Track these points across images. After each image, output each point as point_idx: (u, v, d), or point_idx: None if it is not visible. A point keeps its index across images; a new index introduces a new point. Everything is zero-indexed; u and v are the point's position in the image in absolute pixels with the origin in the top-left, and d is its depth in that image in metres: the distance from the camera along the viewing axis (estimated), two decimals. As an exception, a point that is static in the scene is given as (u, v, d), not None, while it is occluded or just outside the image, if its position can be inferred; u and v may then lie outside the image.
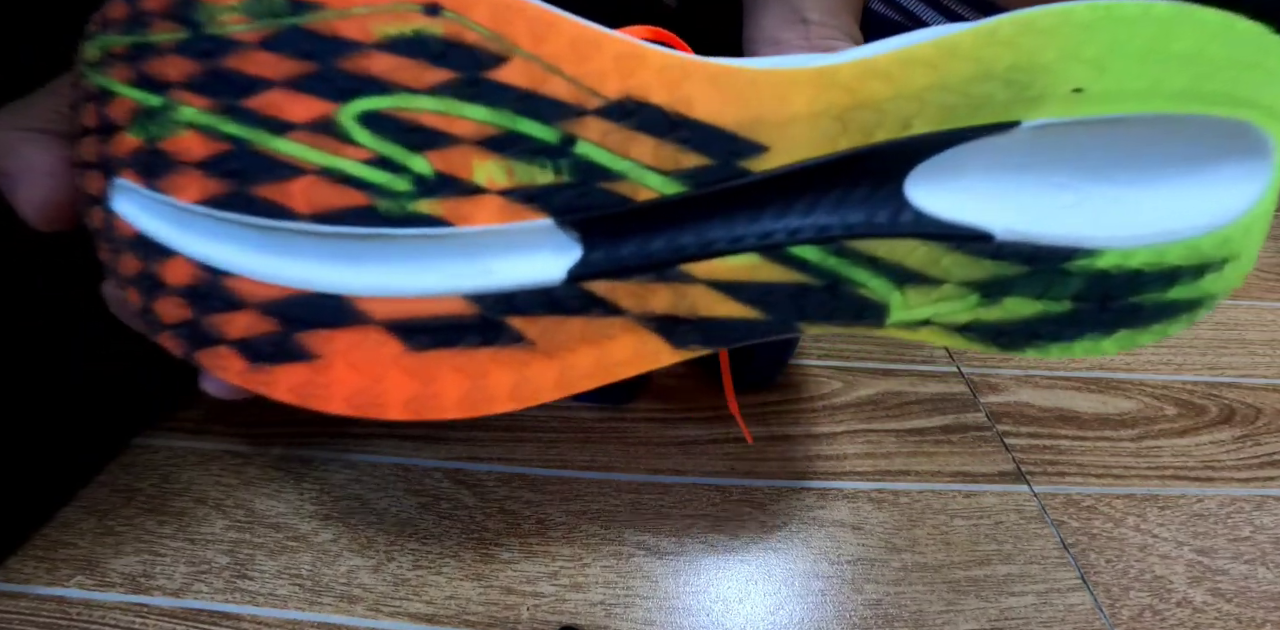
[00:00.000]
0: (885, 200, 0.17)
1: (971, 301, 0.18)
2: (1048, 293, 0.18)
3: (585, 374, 0.18)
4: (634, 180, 0.17)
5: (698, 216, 0.18)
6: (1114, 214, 0.18)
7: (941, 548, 0.35)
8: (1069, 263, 0.17)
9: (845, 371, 0.47)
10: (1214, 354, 0.51)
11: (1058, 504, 0.38)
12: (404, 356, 0.18)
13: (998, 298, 0.18)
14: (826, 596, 0.32)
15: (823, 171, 0.17)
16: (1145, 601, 0.33)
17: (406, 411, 0.18)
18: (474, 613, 0.30)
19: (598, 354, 0.18)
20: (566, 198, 0.17)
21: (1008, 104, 0.16)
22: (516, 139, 0.16)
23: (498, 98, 0.16)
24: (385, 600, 0.31)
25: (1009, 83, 0.16)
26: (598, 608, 0.31)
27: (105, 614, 0.29)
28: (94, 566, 0.31)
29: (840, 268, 0.18)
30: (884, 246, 0.17)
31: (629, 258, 0.18)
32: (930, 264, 0.18)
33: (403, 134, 0.16)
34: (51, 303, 0.30)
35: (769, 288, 0.18)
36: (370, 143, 0.16)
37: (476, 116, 0.16)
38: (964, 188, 0.18)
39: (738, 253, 0.17)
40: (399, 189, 0.16)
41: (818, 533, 0.35)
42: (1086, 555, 0.35)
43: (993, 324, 0.18)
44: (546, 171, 0.17)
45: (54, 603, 0.30)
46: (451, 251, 0.17)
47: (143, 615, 0.29)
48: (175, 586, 0.31)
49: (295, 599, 0.30)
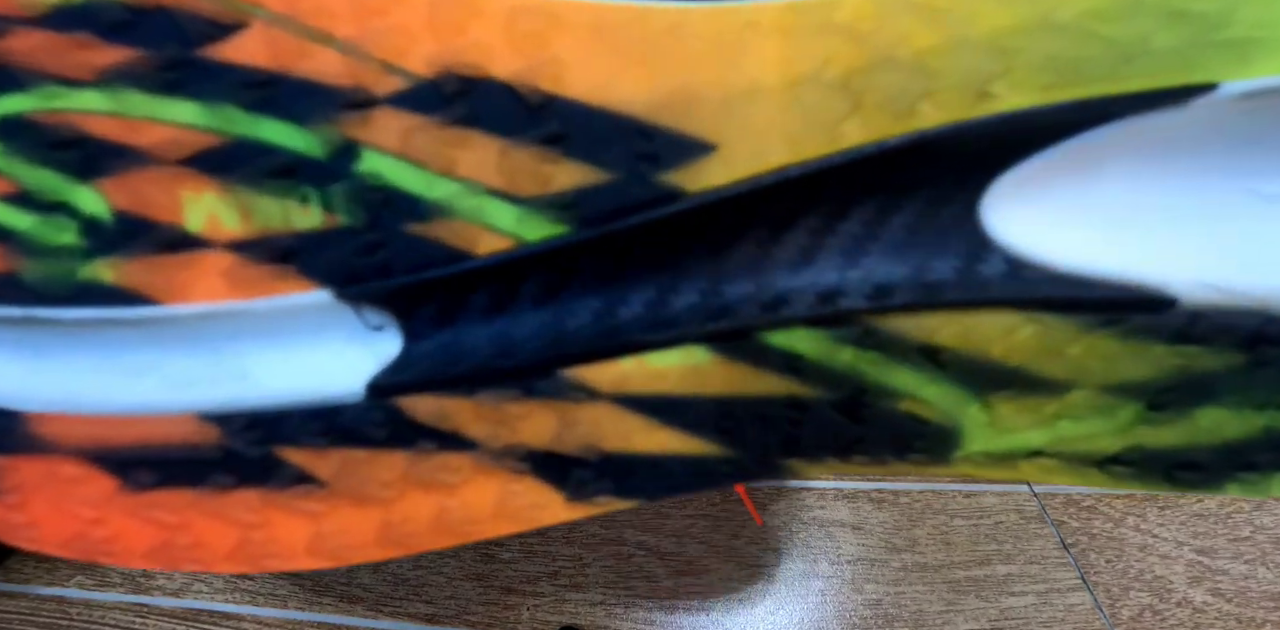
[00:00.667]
0: (945, 238, 0.10)
1: (1128, 416, 0.10)
2: (1274, 395, 0.10)
3: (428, 529, 0.11)
4: (468, 217, 0.10)
5: (592, 279, 0.10)
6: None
7: (941, 548, 0.35)
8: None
9: (845, 371, 0.47)
10: (1214, 354, 0.51)
11: (1058, 504, 0.38)
12: (121, 497, 0.11)
13: (1180, 408, 0.10)
14: (826, 596, 0.32)
15: (815, 189, 0.09)
16: (1145, 601, 0.33)
17: (159, 563, 0.12)
18: (474, 613, 0.30)
19: (439, 505, 0.11)
20: (348, 252, 0.10)
21: (1182, 54, 0.08)
22: (251, 153, 0.10)
23: (217, 86, 0.09)
24: (385, 600, 0.31)
25: (1182, 16, 0.08)
26: (598, 608, 0.31)
27: (105, 614, 0.29)
28: (94, 566, 0.31)
29: (863, 367, 0.10)
30: (949, 325, 0.09)
31: (471, 356, 0.10)
32: (1045, 355, 0.10)
33: (57, 152, 0.10)
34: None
35: (730, 405, 0.10)
36: (5, 168, 0.10)
37: (182, 118, 0.10)
38: (1101, 213, 0.10)
39: (671, 344, 0.10)
40: (58, 243, 0.10)
41: (818, 533, 0.35)
42: (1086, 555, 0.35)
43: (1168, 452, 0.10)
44: (309, 208, 0.10)
45: (54, 603, 0.30)
46: (167, 345, 0.11)
47: (143, 615, 0.29)
48: (175, 586, 0.31)
49: (295, 599, 0.30)
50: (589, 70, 0.09)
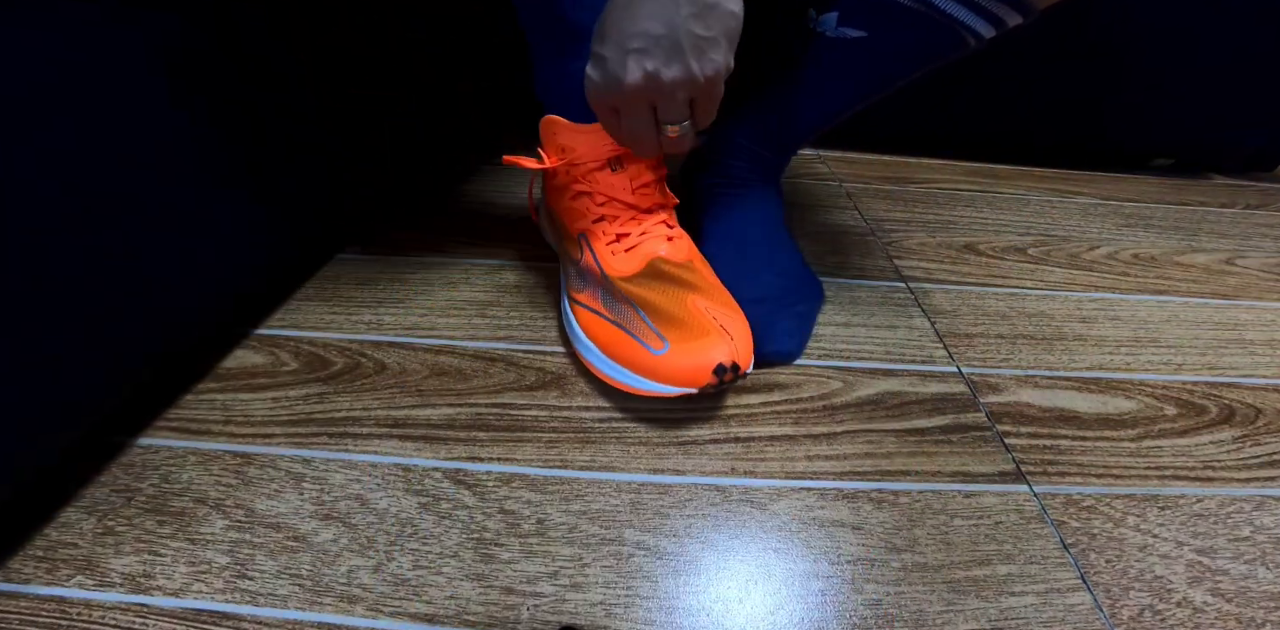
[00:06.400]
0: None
1: None
2: None
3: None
4: None
5: None
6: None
7: (941, 548, 0.35)
8: None
9: (845, 371, 0.47)
10: (1214, 354, 0.51)
11: (1058, 504, 0.38)
12: None
13: None
14: (826, 596, 0.32)
15: None
16: (1145, 601, 0.33)
17: None
18: (474, 613, 0.30)
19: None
20: None
21: None
22: None
23: None
24: (385, 600, 0.31)
25: None
26: (598, 608, 0.31)
27: (105, 614, 0.29)
28: (94, 566, 0.31)
29: None
30: None
31: None
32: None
33: None
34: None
35: None
36: None
37: None
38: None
39: None
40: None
41: (818, 533, 0.35)
42: (1086, 555, 0.35)
43: None
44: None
45: (54, 603, 0.30)
46: None
47: (143, 615, 0.29)
48: (175, 586, 0.31)
49: (295, 599, 0.30)
50: None
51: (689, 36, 0.32)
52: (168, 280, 0.37)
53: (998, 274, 0.61)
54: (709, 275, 0.44)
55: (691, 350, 0.37)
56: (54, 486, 0.35)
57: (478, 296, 0.52)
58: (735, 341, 0.38)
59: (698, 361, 0.37)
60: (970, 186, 0.81)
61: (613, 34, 0.33)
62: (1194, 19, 0.73)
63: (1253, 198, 0.84)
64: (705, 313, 0.39)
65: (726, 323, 0.39)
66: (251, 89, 0.43)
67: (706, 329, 0.38)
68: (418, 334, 0.47)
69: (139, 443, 0.38)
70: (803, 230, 0.66)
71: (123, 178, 0.33)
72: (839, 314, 0.53)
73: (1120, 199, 0.81)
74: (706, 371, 0.36)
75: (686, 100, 0.35)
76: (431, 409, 0.41)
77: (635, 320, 0.40)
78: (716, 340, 0.37)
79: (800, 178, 0.79)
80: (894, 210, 0.72)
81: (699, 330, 0.38)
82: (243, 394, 0.41)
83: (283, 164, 0.46)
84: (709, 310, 0.40)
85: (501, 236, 0.61)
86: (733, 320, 0.40)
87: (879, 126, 0.85)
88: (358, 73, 0.57)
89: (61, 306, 0.30)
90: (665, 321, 0.39)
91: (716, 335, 0.38)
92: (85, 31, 0.32)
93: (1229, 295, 0.60)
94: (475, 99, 0.81)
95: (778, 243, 0.53)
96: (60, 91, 0.30)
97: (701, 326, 0.38)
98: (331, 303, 0.50)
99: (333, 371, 0.43)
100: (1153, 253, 0.67)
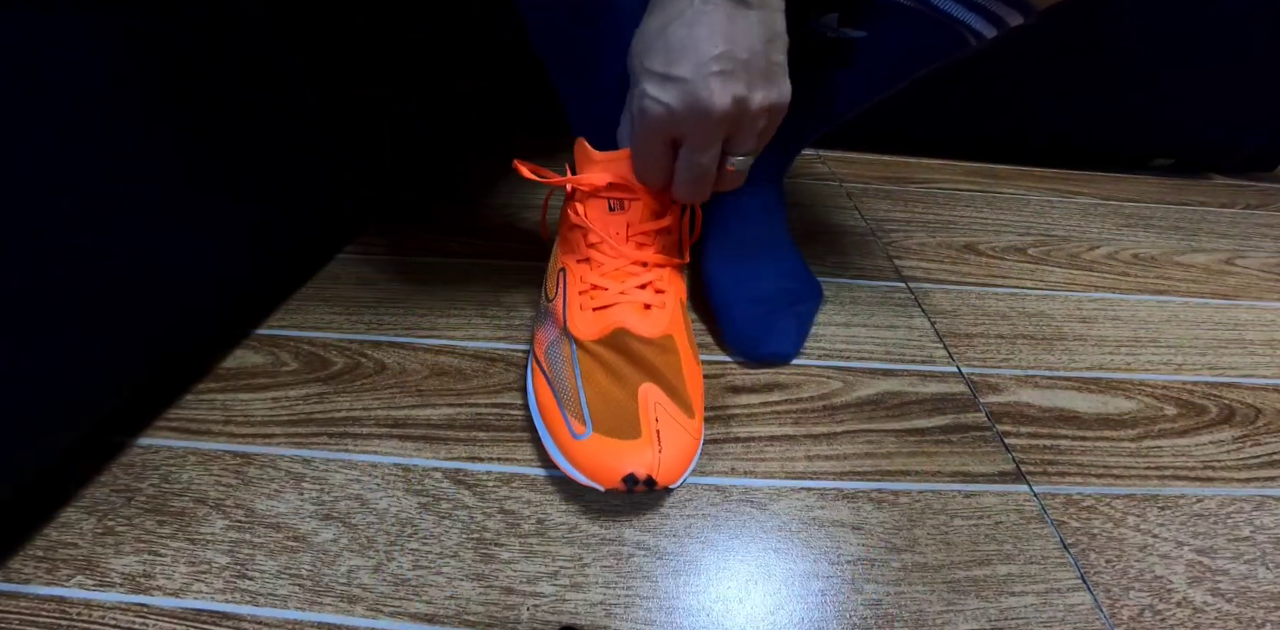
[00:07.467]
0: None
1: None
2: None
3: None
4: None
5: None
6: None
7: (941, 548, 0.35)
8: None
9: (845, 371, 0.47)
10: (1214, 354, 0.51)
11: (1058, 504, 0.38)
12: None
13: None
14: (826, 596, 0.32)
15: None
16: (1145, 601, 0.33)
17: None
18: (474, 613, 0.30)
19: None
20: None
21: None
22: None
23: None
24: (385, 600, 0.31)
25: None
26: (598, 608, 0.31)
27: (105, 614, 0.29)
28: (94, 566, 0.31)
29: None
30: None
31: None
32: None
33: None
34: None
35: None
36: None
37: None
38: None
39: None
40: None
41: (818, 533, 0.35)
42: (1086, 555, 0.35)
43: None
44: None
45: (54, 603, 0.30)
46: None
47: (143, 615, 0.29)
48: (175, 586, 0.31)
49: (295, 599, 0.30)
50: None
51: (769, 62, 0.31)
52: (168, 280, 0.37)
53: (998, 274, 0.61)
54: (686, 351, 0.39)
55: (609, 448, 0.33)
56: (54, 486, 0.35)
57: (478, 296, 0.52)
58: (663, 453, 0.33)
59: (610, 463, 0.33)
60: (970, 186, 0.81)
61: (688, 55, 0.30)
62: (1194, 19, 0.73)
63: (1253, 198, 0.85)
64: (649, 410, 0.35)
65: (668, 427, 0.34)
66: (251, 89, 0.43)
67: (637, 430, 0.34)
68: (418, 334, 0.47)
69: (139, 443, 0.38)
70: (803, 230, 0.66)
71: (123, 178, 0.33)
72: (839, 314, 0.53)
73: (1120, 199, 0.81)
74: (616, 476, 0.32)
75: (759, 130, 0.33)
76: (431, 409, 0.41)
77: (570, 393, 0.36)
78: (640, 447, 0.33)
79: (800, 178, 0.79)
80: (894, 210, 0.72)
81: (629, 429, 0.34)
82: (243, 394, 0.41)
83: (283, 164, 0.46)
84: (658, 407, 0.35)
85: (501, 236, 0.61)
86: (677, 427, 0.35)
87: (879, 126, 0.85)
88: (358, 73, 0.57)
89: (61, 306, 0.30)
90: (601, 405, 0.35)
91: (644, 441, 0.33)
92: (85, 31, 0.32)
93: (1229, 295, 0.60)
94: (475, 99, 0.81)
95: (777, 243, 0.53)
96: (60, 91, 0.30)
97: (633, 426, 0.34)
98: (331, 303, 0.50)
99: (333, 371, 0.43)
100: (1153, 253, 0.67)
